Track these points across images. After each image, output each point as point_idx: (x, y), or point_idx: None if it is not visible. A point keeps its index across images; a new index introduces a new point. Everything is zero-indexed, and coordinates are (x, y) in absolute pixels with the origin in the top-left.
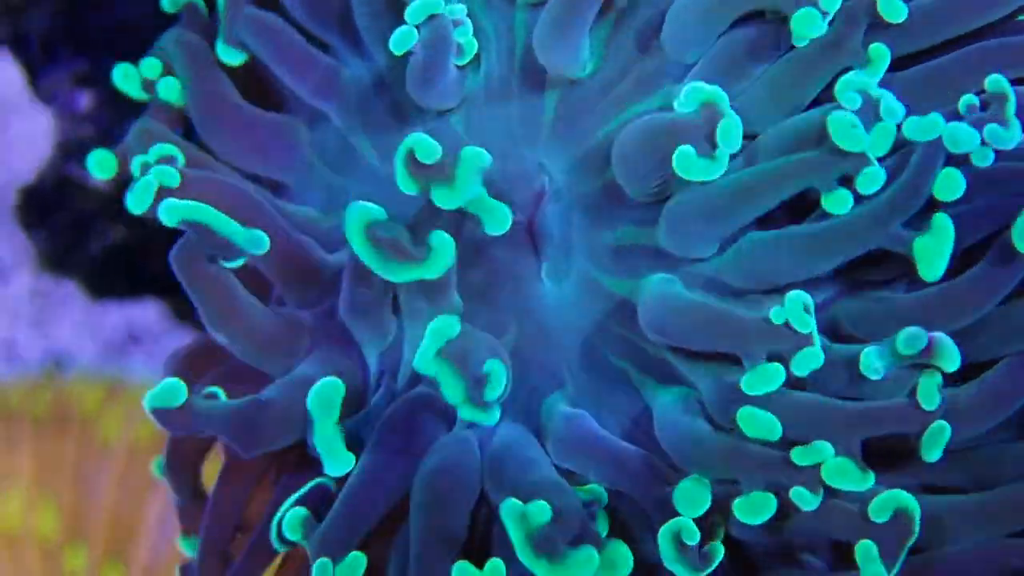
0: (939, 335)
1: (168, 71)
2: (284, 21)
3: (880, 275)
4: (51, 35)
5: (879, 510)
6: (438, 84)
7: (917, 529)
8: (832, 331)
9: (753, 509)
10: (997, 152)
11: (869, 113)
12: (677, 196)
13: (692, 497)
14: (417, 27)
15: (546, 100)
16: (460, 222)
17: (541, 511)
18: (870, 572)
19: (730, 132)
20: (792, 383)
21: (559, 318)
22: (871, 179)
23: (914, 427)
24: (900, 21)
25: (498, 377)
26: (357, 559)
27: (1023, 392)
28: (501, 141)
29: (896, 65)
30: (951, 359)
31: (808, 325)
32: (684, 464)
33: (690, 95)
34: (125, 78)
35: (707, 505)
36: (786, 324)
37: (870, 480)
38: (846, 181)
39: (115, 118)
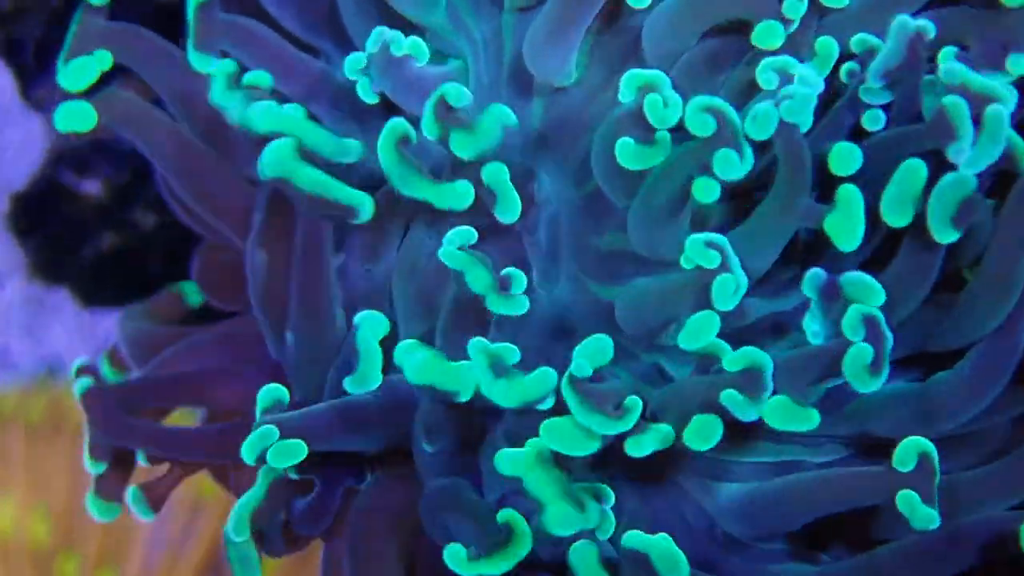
0: (847, 273)
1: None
2: (266, 26)
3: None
4: (43, 43)
5: (904, 459)
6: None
7: (937, 474)
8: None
9: (699, 434)
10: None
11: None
12: (635, 199)
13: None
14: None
15: (534, 107)
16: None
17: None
18: (922, 516)
19: (668, 118)
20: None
21: (550, 323)
22: (726, 163)
23: (839, 351)
24: (842, 7)
25: (520, 278)
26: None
27: (1008, 366)
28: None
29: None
30: (869, 291)
31: (713, 259)
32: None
33: (628, 80)
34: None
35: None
36: (697, 268)
37: (814, 418)
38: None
39: None
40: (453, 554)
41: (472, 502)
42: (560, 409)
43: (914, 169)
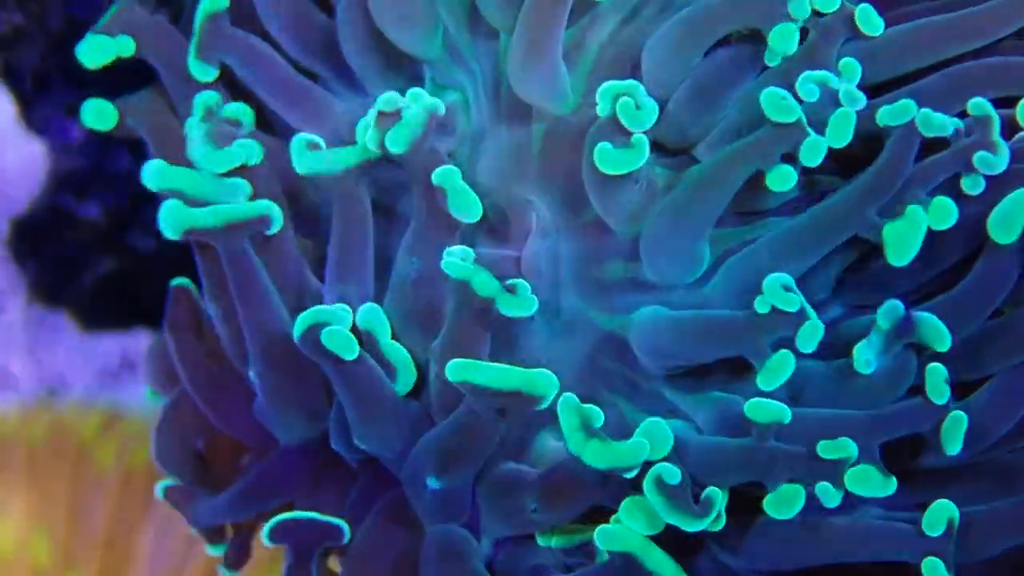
0: (921, 313)
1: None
2: (274, 51)
3: (881, 296)
4: (44, 67)
5: (933, 523)
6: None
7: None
8: (834, 351)
9: (783, 503)
10: (987, 178)
11: (829, 103)
12: (646, 223)
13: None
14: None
15: (532, 135)
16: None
17: None
18: None
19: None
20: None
21: (550, 355)
22: (812, 150)
23: (929, 422)
24: (876, 34)
25: (524, 284)
26: None
27: None
28: (491, 177)
29: (873, 92)
30: (939, 337)
31: (794, 303)
32: (705, 476)
33: (604, 92)
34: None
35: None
36: (773, 310)
37: (892, 485)
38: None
39: (106, 149)
40: None
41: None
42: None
43: None
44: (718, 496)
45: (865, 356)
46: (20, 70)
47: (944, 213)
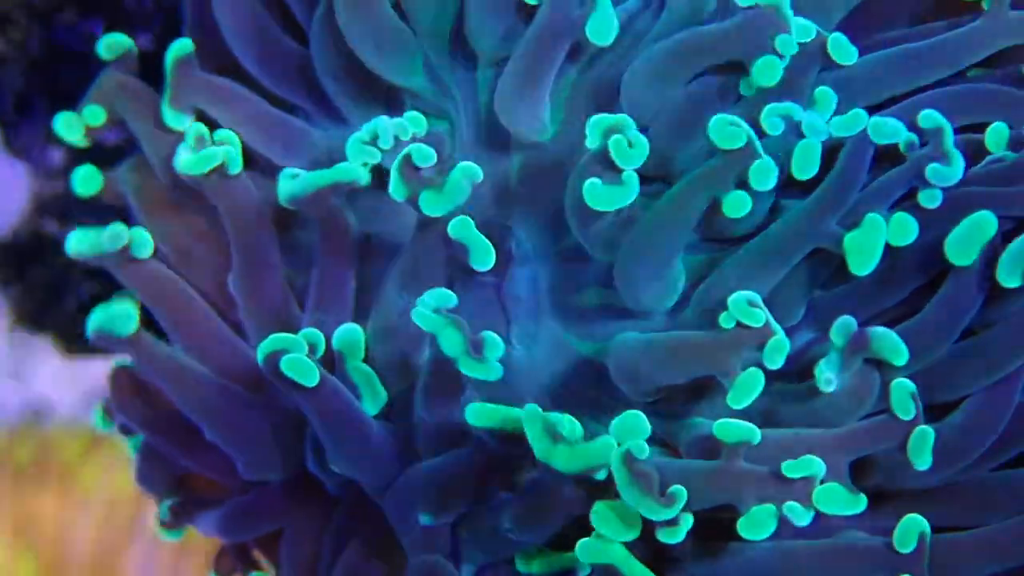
0: (876, 328)
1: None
2: (246, 88)
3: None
4: (25, 92)
5: (904, 540)
6: None
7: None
8: (806, 376)
9: (755, 525)
10: (944, 190)
11: (793, 135)
12: (620, 250)
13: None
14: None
15: (512, 163)
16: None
17: None
18: None
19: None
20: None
21: (529, 381)
22: (761, 173)
23: (896, 438)
24: (849, 63)
25: (495, 342)
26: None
27: (1000, 417)
28: (469, 204)
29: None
30: (895, 350)
31: (759, 319)
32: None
33: (594, 125)
34: (68, 127)
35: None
36: (739, 325)
37: (861, 503)
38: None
39: None
40: None
41: None
42: None
43: (988, 220)
44: (682, 492)
45: (826, 375)
46: (2, 95)
47: (904, 229)
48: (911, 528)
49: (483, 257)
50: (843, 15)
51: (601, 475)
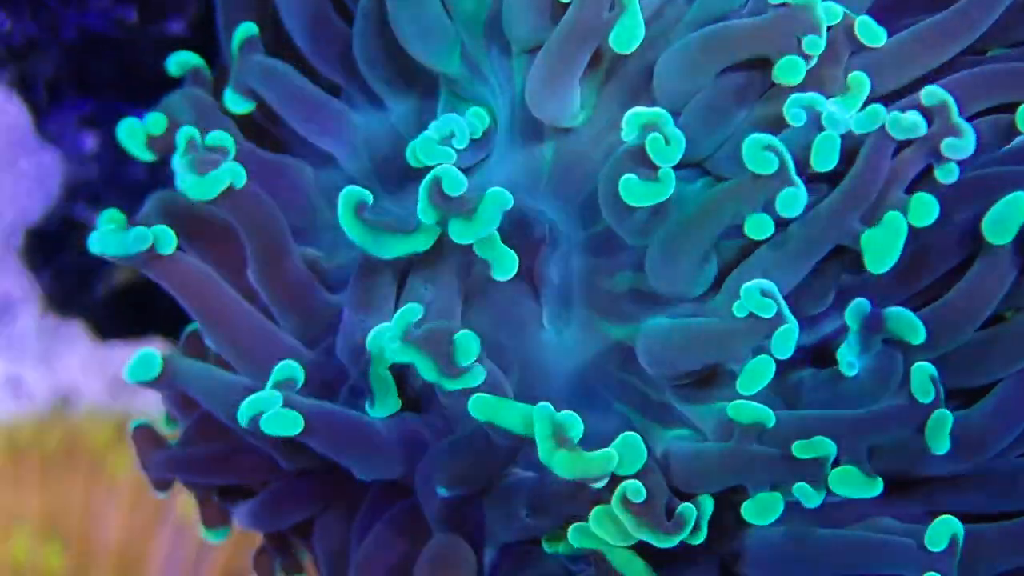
0: (891, 308)
1: (172, 127)
2: (293, 68)
3: (883, 304)
4: (57, 77)
5: (935, 539)
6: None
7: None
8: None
9: (762, 510)
10: (981, 180)
11: (814, 128)
12: (651, 241)
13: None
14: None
15: (545, 149)
16: (468, 265)
17: None
18: None
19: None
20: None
21: (561, 364)
22: (790, 201)
23: (915, 422)
24: (878, 45)
25: (468, 347)
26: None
27: None
28: (504, 188)
29: (882, 101)
30: (911, 328)
31: (769, 309)
32: (688, 485)
33: (631, 119)
34: (130, 135)
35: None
36: (751, 315)
37: (878, 486)
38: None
39: (120, 159)
40: None
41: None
42: None
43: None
44: (692, 512)
45: (847, 359)
46: (34, 80)
47: (925, 210)
48: (944, 529)
49: (506, 267)
50: (870, 3)
51: (600, 484)
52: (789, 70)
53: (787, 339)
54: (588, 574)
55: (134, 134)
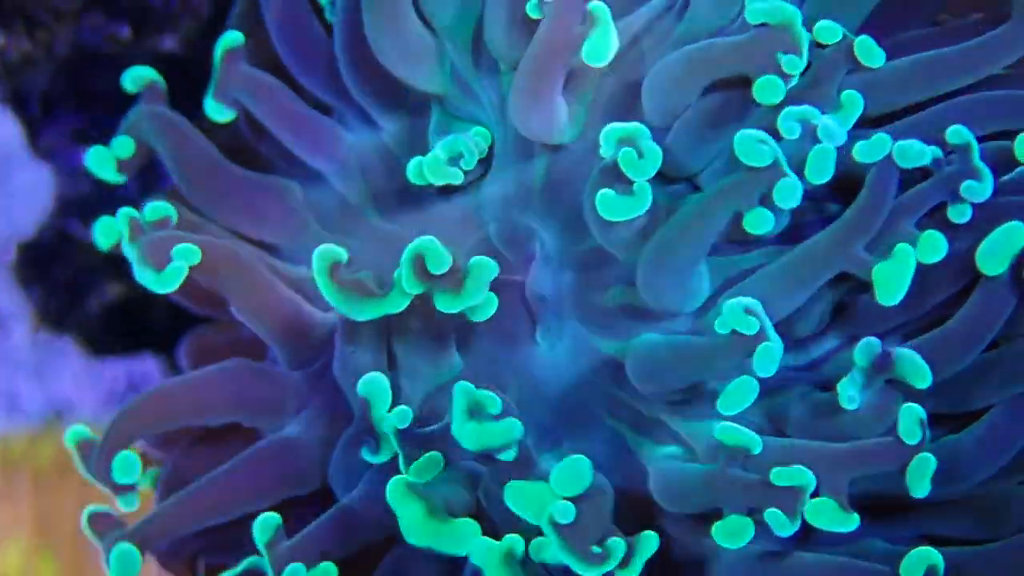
0: (901, 350)
1: (141, 148)
2: (281, 82)
3: (876, 328)
4: (50, 93)
5: (911, 569)
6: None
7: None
8: (830, 383)
9: (730, 533)
10: (979, 209)
11: (809, 140)
12: (642, 255)
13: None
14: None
15: (536, 165)
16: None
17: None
18: None
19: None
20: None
21: (554, 380)
22: (787, 192)
23: (898, 462)
24: (876, 66)
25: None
26: (328, 568)
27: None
28: (496, 204)
29: (871, 124)
30: (918, 373)
31: (752, 326)
32: (669, 503)
33: (608, 135)
34: (98, 161)
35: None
36: (733, 332)
37: (854, 522)
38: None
39: None
40: None
41: None
42: None
43: (1020, 230)
44: (619, 546)
45: (848, 392)
46: (28, 96)
47: (934, 247)
48: (920, 560)
49: (486, 314)
50: (864, 16)
51: (506, 456)
52: (768, 89)
53: (769, 357)
54: None
55: (102, 161)
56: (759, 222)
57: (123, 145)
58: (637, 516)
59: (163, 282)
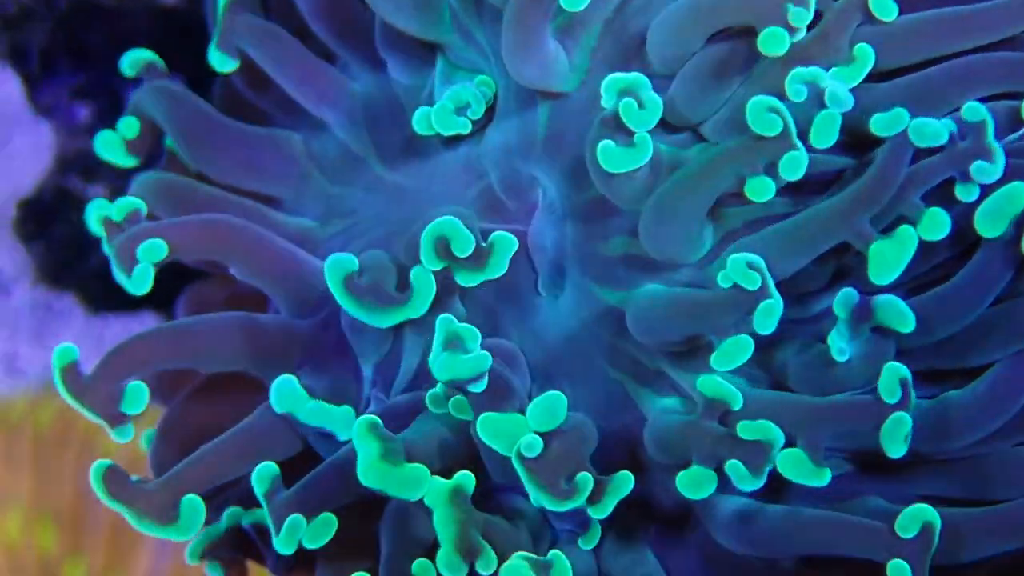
0: (880, 296)
1: (146, 125)
2: (285, 30)
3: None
4: (50, 49)
5: (906, 525)
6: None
7: (936, 542)
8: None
9: (694, 483)
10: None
11: (815, 104)
12: (644, 208)
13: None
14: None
15: (539, 114)
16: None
17: None
18: None
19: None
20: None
21: (556, 330)
22: (793, 164)
23: (873, 420)
24: (890, 19)
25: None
26: (328, 519)
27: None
28: (498, 153)
29: (880, 78)
30: (899, 318)
31: (754, 281)
32: (657, 453)
33: (609, 85)
34: (107, 146)
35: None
36: (735, 287)
37: (825, 476)
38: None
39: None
40: None
41: None
42: None
43: (1019, 192)
44: (587, 481)
45: (837, 345)
46: (27, 51)
47: (937, 225)
48: (915, 517)
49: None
50: None
51: (476, 387)
52: (772, 41)
53: (770, 314)
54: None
55: (111, 144)
56: (760, 190)
57: (129, 126)
58: (630, 466)
59: (135, 285)
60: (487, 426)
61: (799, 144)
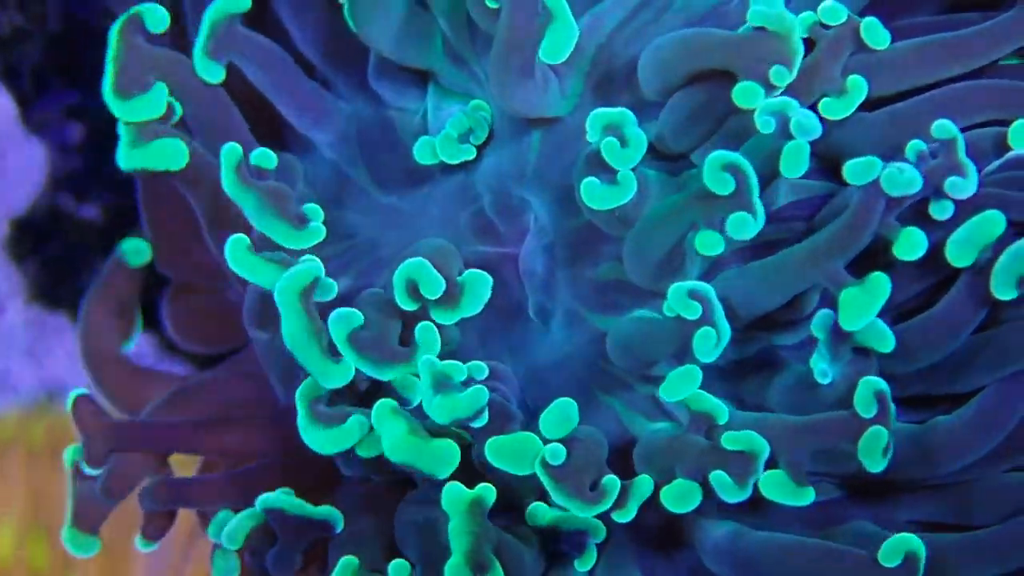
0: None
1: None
2: (281, 49)
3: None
4: (42, 68)
5: (890, 554)
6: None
7: (921, 571)
8: None
9: (677, 497)
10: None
11: (783, 134)
12: (627, 238)
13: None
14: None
15: (531, 139)
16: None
17: None
18: None
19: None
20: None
21: (547, 354)
22: (741, 225)
23: (851, 435)
24: (882, 48)
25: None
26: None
27: (1013, 412)
28: (491, 176)
29: (872, 105)
30: (879, 337)
31: (695, 311)
32: (639, 469)
33: (593, 120)
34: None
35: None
36: (677, 316)
37: (808, 496)
38: None
39: (105, 150)
40: None
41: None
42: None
43: (993, 221)
44: (614, 484)
45: (819, 367)
46: (20, 71)
47: (912, 246)
48: (899, 546)
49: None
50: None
51: (478, 423)
52: (746, 95)
53: (709, 342)
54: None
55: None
56: (710, 244)
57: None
58: None
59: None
60: (497, 450)
61: (754, 204)
